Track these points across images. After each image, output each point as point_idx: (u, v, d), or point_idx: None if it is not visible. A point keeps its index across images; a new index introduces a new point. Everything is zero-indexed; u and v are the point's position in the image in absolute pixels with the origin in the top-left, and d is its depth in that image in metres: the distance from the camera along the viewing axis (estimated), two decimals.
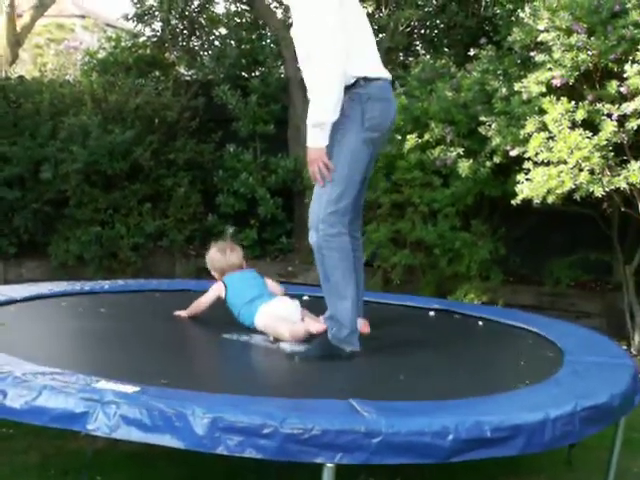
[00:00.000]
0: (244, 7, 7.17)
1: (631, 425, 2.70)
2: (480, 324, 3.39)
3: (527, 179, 4.12)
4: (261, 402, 1.99)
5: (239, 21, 7.17)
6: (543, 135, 4.04)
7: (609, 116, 3.93)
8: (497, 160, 4.52)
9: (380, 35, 6.54)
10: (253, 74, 6.91)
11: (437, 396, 2.17)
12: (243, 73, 6.88)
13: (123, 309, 3.45)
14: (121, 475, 2.59)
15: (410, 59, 6.43)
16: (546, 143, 4.04)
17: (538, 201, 4.07)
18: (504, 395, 2.21)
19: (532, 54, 4.26)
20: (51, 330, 3.07)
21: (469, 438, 1.87)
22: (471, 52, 5.03)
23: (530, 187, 4.06)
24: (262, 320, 2.83)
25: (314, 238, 2.58)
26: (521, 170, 4.21)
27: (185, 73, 7.29)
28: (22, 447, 2.78)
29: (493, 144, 4.43)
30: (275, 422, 1.81)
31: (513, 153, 4.27)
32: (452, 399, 2.13)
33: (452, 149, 4.67)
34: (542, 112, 4.09)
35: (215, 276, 3.13)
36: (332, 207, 2.55)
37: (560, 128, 3.97)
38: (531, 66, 4.32)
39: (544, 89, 4.09)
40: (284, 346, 2.67)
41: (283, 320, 2.78)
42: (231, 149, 6.46)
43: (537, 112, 4.13)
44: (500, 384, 2.39)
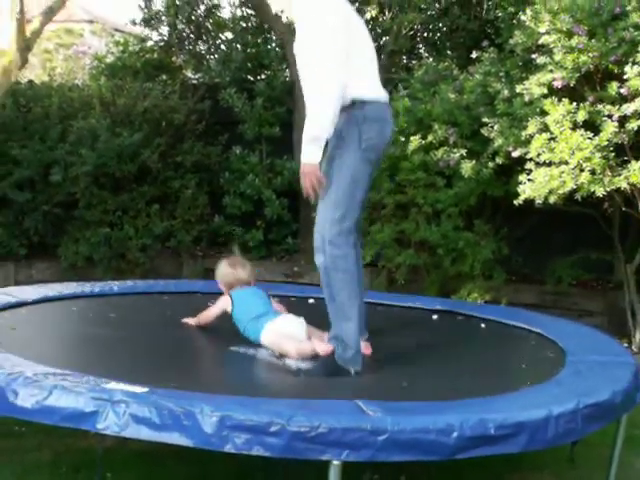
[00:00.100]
0: (250, 12, 7.21)
1: (633, 422, 2.73)
2: (483, 326, 3.40)
3: (529, 179, 4.15)
4: (268, 402, 2.01)
5: (245, 25, 7.21)
6: (545, 136, 4.07)
7: (610, 117, 3.95)
8: (499, 161, 4.55)
9: (384, 38, 6.60)
10: (259, 77, 6.94)
11: (442, 397, 2.18)
12: (249, 76, 6.93)
13: (132, 313, 3.44)
14: (131, 473, 2.62)
15: (413, 62, 6.44)
16: (548, 144, 4.06)
17: (540, 201, 4.10)
18: (508, 394, 2.23)
19: (533, 56, 4.28)
20: (61, 333, 3.08)
21: (473, 435, 1.89)
22: (473, 55, 5.05)
23: (532, 187, 4.09)
24: (268, 337, 2.81)
25: (321, 259, 2.58)
26: (523, 171, 4.24)
27: (192, 77, 7.34)
28: (34, 445, 2.80)
29: (495, 145, 4.46)
30: (282, 420, 1.83)
31: (515, 154, 4.30)
32: (456, 399, 2.14)
33: (455, 150, 4.70)
34: (544, 113, 4.12)
35: (222, 289, 3.12)
36: (336, 228, 2.55)
37: (561, 129, 4.00)
38: (533, 68, 4.35)
39: (545, 91, 4.12)
40: (289, 362, 2.66)
41: (289, 338, 2.76)
42: (237, 151, 6.51)
43: (539, 113, 4.16)
44: (504, 384, 2.40)
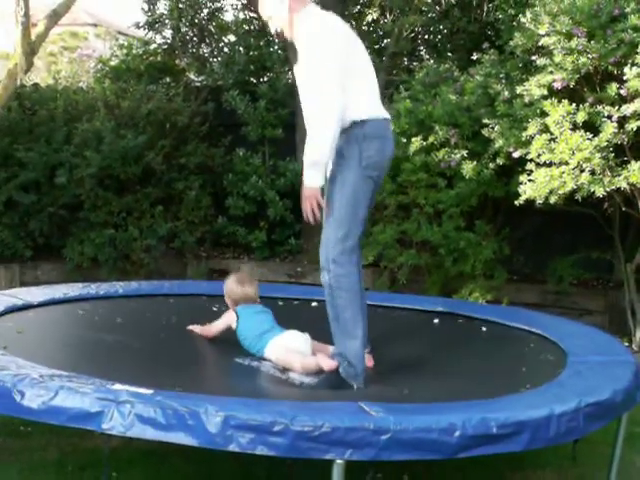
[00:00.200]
0: (252, 15, 7.25)
1: (634, 420, 2.76)
2: (484, 329, 3.40)
3: (530, 180, 4.17)
4: (272, 402, 2.04)
5: (247, 28, 7.26)
6: (545, 137, 4.10)
7: (609, 118, 3.98)
8: (500, 162, 4.58)
9: (385, 40, 6.64)
10: (261, 80, 7.00)
11: (444, 398, 2.20)
12: (252, 79, 6.98)
13: (137, 316, 3.44)
14: (137, 472, 2.64)
15: (414, 64, 6.47)
16: (548, 145, 4.09)
17: (540, 201, 4.13)
18: (510, 394, 2.25)
19: (533, 58, 4.31)
20: (67, 336, 3.09)
21: (475, 434, 1.92)
22: (474, 56, 5.08)
23: (533, 188, 4.11)
24: (273, 352, 2.81)
25: (325, 278, 2.61)
26: (524, 171, 4.27)
27: (195, 79, 7.38)
28: (40, 445, 2.83)
29: (496, 146, 4.48)
30: (286, 420, 1.85)
31: (516, 155, 4.33)
32: (459, 400, 2.16)
33: (456, 151, 4.74)
34: (544, 114, 4.15)
35: (228, 304, 3.14)
36: (340, 247, 2.58)
37: (561, 130, 4.02)
38: (533, 69, 4.38)
39: (545, 92, 4.15)
40: (293, 376, 2.66)
41: (294, 352, 2.77)
42: (240, 153, 6.54)
43: (539, 114, 4.19)
44: (506, 386, 2.41)
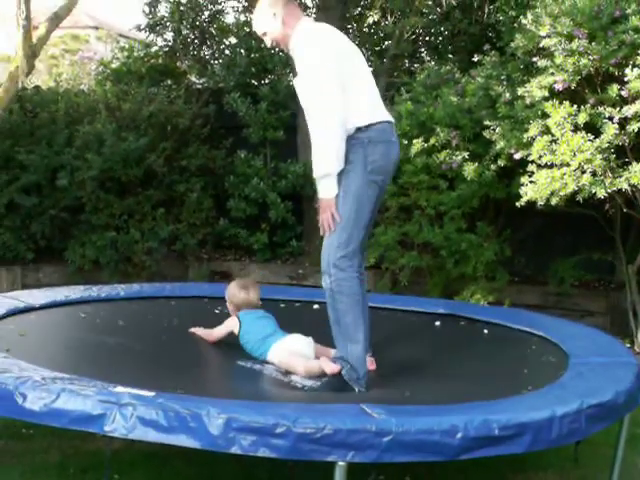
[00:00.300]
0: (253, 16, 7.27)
1: (636, 421, 2.75)
2: (486, 331, 3.40)
3: (531, 181, 4.17)
4: (274, 405, 2.05)
5: (248, 30, 7.24)
6: (546, 138, 4.09)
7: (610, 119, 3.98)
8: (501, 163, 4.59)
9: (386, 42, 6.65)
10: (263, 82, 7.02)
11: (446, 400, 2.20)
12: (253, 81, 6.99)
13: (139, 318, 3.45)
14: (138, 474, 2.64)
15: (415, 65, 6.48)
16: (549, 146, 4.09)
17: (542, 203, 4.13)
18: (512, 396, 2.25)
19: (535, 59, 4.31)
20: (69, 341, 3.09)
21: (477, 436, 1.91)
22: (475, 58, 5.08)
23: (534, 189, 4.11)
24: (276, 355, 2.82)
25: (327, 282, 2.62)
26: (525, 173, 4.27)
27: (196, 81, 7.40)
28: (42, 447, 2.84)
29: (497, 148, 4.49)
30: (288, 422, 1.85)
31: (517, 156, 4.33)
32: (461, 402, 2.16)
33: (457, 153, 4.74)
34: (545, 116, 4.15)
35: (229, 308, 3.15)
36: (342, 251, 2.59)
37: (563, 131, 4.02)
38: (534, 71, 4.38)
39: (547, 93, 4.15)
40: (295, 379, 2.67)
41: (297, 356, 2.77)
42: (242, 155, 6.55)
43: (540, 116, 4.19)
44: (508, 387, 2.41)
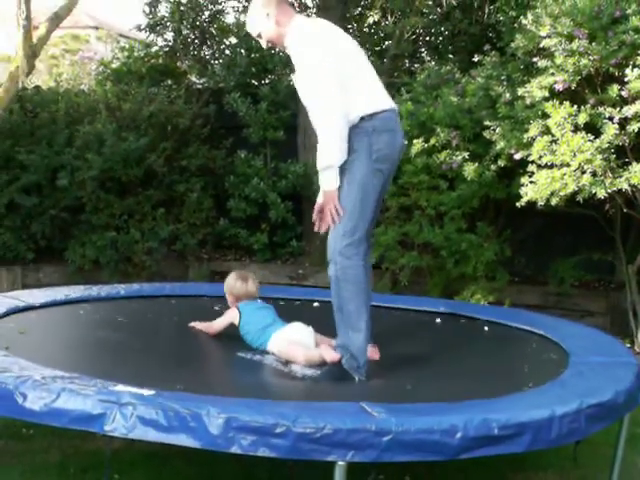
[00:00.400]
0: None
1: (636, 421, 2.74)
2: (486, 329, 3.41)
3: (531, 182, 4.18)
4: (274, 403, 2.03)
5: None
6: (546, 138, 4.10)
7: (610, 119, 3.98)
8: (502, 163, 4.59)
9: (386, 42, 6.65)
10: (263, 82, 7.02)
11: (446, 398, 2.20)
12: (253, 81, 7.00)
13: (139, 317, 3.46)
14: (138, 474, 2.64)
15: (416, 66, 6.48)
16: (549, 146, 4.09)
17: (542, 203, 4.14)
18: (511, 395, 2.25)
19: (535, 60, 4.32)
20: (69, 338, 3.10)
21: (477, 436, 1.91)
22: (475, 58, 5.09)
23: (534, 189, 4.12)
24: (276, 345, 2.84)
25: (332, 270, 2.63)
26: (525, 173, 4.27)
27: (197, 81, 7.40)
28: (42, 447, 2.84)
29: (498, 148, 4.49)
30: (288, 421, 1.85)
31: (517, 156, 4.33)
32: (460, 400, 2.16)
33: (458, 153, 4.75)
34: (545, 116, 4.15)
35: (229, 300, 3.16)
36: (348, 239, 2.60)
37: (563, 131, 4.03)
38: (534, 71, 4.38)
39: (547, 94, 4.15)
40: (295, 369, 2.68)
41: (297, 344, 2.78)
42: (242, 155, 6.56)
43: (540, 116, 4.19)
44: (507, 386, 2.41)
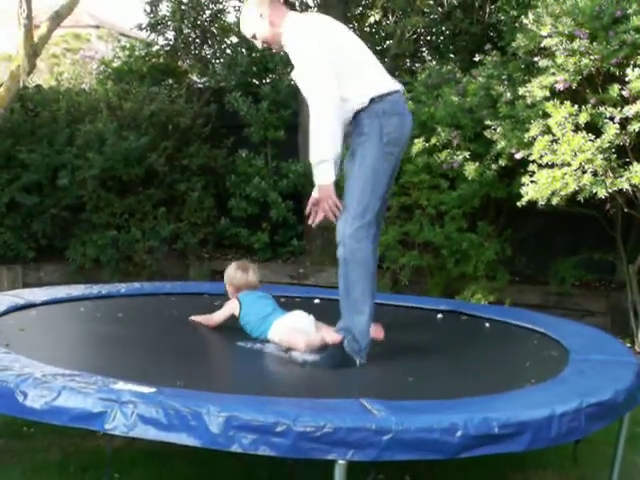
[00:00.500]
0: None
1: (636, 420, 2.74)
2: (487, 325, 3.42)
3: (532, 181, 4.17)
4: (274, 401, 2.03)
5: None
6: (547, 138, 4.09)
7: (611, 119, 3.97)
8: (502, 163, 4.58)
9: (387, 42, 6.64)
10: (264, 81, 7.02)
11: (446, 395, 2.20)
12: (254, 80, 6.99)
13: (139, 313, 3.48)
14: (139, 473, 2.64)
15: (417, 65, 6.50)
16: (550, 146, 4.09)
17: (543, 203, 4.13)
18: (511, 393, 2.25)
19: (536, 59, 4.32)
20: (69, 335, 3.11)
21: (477, 434, 1.91)
22: (476, 58, 5.10)
23: (535, 189, 4.11)
24: (277, 333, 2.85)
25: (341, 252, 2.64)
26: (526, 172, 4.27)
27: (197, 81, 7.40)
28: (42, 445, 2.84)
29: (498, 147, 4.49)
30: (288, 420, 1.85)
31: (518, 156, 4.33)
32: (460, 398, 2.16)
33: (458, 152, 4.74)
34: (546, 116, 4.15)
35: (229, 291, 3.17)
36: (358, 222, 2.61)
37: (564, 131, 4.02)
38: (535, 71, 4.38)
39: (548, 93, 4.15)
40: (296, 355, 2.69)
41: (298, 331, 2.80)
42: (243, 154, 6.56)
43: (541, 116, 4.19)
44: (507, 384, 2.41)
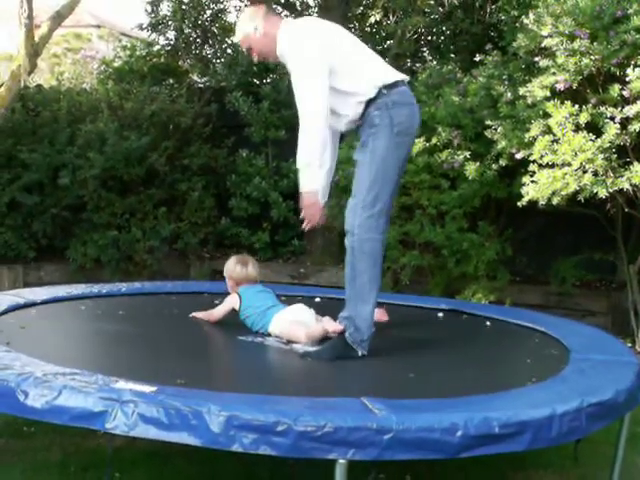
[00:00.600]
0: None
1: (636, 420, 2.74)
2: (488, 324, 3.43)
3: (532, 181, 4.17)
4: (275, 400, 2.03)
5: None
6: (548, 138, 4.09)
7: (612, 119, 3.97)
8: (503, 163, 4.58)
9: (388, 42, 6.64)
10: (264, 81, 7.03)
11: (446, 394, 2.21)
12: (255, 80, 6.99)
13: (140, 312, 3.49)
14: (140, 472, 2.63)
15: (417, 65, 6.50)
16: (551, 146, 4.09)
17: (543, 202, 4.13)
18: (512, 392, 2.25)
19: (536, 59, 4.31)
20: (70, 332, 3.12)
21: (478, 434, 1.91)
22: (477, 58, 5.09)
23: (535, 189, 4.11)
24: (277, 326, 2.87)
25: (349, 240, 2.64)
26: (526, 172, 4.26)
27: (198, 80, 7.41)
28: (43, 445, 2.84)
29: (499, 147, 4.49)
30: (289, 420, 1.85)
31: (518, 156, 4.33)
32: (461, 397, 2.16)
33: (459, 152, 4.74)
34: (546, 116, 4.15)
35: (229, 285, 3.17)
36: (368, 212, 2.61)
37: (564, 131, 4.02)
38: (535, 71, 4.38)
39: (548, 93, 4.15)
40: (297, 347, 2.70)
41: (299, 323, 2.81)
42: (244, 154, 6.57)
43: (542, 116, 4.19)
44: (508, 382, 2.41)
